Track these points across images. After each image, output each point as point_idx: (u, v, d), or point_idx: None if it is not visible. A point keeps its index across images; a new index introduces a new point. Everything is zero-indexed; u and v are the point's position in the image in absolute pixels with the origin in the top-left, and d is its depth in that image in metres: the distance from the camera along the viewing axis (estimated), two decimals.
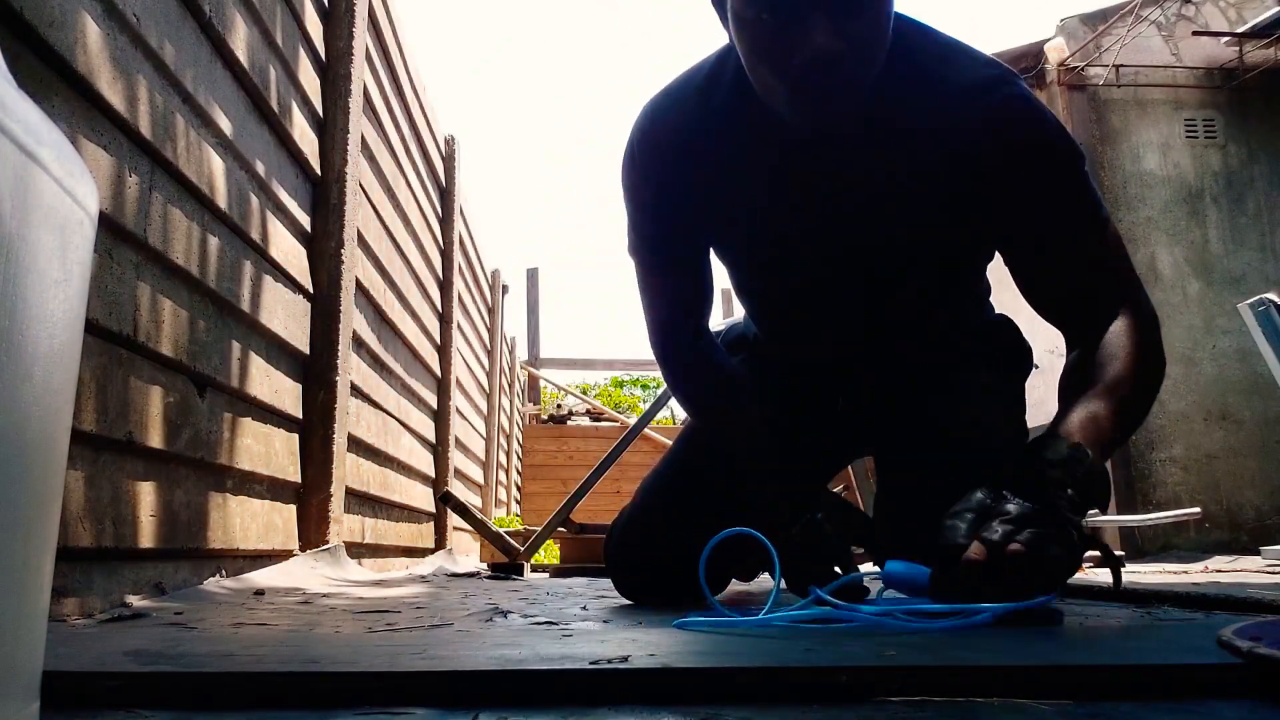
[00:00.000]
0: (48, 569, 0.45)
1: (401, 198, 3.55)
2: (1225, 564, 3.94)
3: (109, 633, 0.99)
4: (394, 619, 1.16)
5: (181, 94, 1.63)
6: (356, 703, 0.58)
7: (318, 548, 2.31)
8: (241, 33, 1.89)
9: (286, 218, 2.23)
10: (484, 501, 6.35)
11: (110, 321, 1.36)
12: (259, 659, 0.68)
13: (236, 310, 1.86)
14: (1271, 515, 5.89)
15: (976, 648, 0.75)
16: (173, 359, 1.57)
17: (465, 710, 0.55)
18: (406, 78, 3.66)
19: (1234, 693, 0.58)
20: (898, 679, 0.59)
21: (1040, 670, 0.61)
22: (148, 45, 1.49)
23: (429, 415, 4.28)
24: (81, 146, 1.28)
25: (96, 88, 1.31)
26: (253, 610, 1.35)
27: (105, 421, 1.34)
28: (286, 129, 2.18)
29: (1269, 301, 3.67)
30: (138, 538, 1.45)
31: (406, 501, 3.67)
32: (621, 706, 0.56)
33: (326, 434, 2.37)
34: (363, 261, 2.87)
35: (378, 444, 3.14)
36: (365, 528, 3.02)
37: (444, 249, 4.66)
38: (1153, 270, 6.15)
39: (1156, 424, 5.91)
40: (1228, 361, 6.05)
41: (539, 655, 0.71)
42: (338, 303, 2.43)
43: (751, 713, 0.54)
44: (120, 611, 1.29)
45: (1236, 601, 1.22)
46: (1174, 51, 6.44)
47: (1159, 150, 6.33)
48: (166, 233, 1.54)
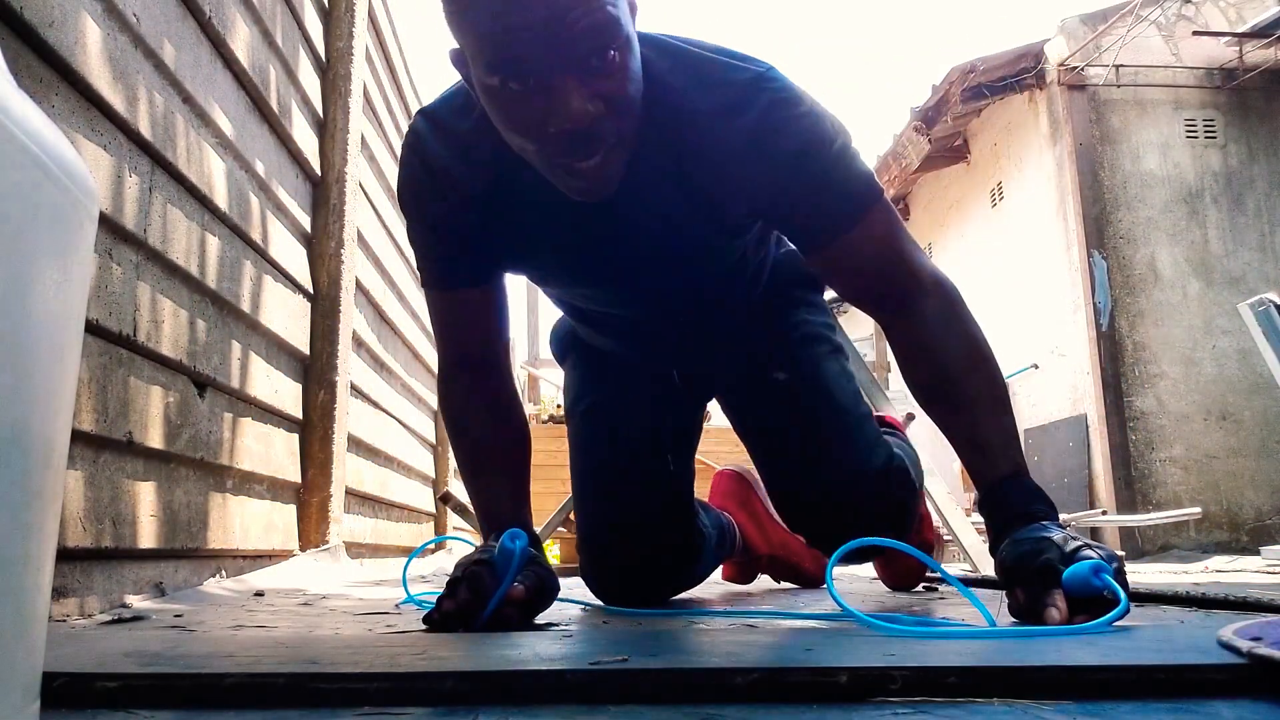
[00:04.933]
0: (48, 569, 0.45)
1: None
2: (1225, 564, 3.95)
3: (109, 633, 0.99)
4: (394, 619, 1.16)
5: (181, 94, 1.63)
6: (356, 703, 0.58)
7: (318, 548, 2.31)
8: (241, 33, 1.89)
9: (286, 218, 2.23)
10: None
11: (110, 321, 1.36)
12: (259, 659, 0.68)
13: (236, 310, 1.86)
14: (1271, 515, 5.89)
15: (976, 648, 0.75)
16: (173, 359, 1.57)
17: (465, 710, 0.55)
18: (406, 77, 3.66)
19: (1234, 693, 0.58)
20: (898, 679, 0.59)
21: (1040, 670, 0.61)
22: (148, 45, 1.49)
23: (429, 415, 4.28)
24: (81, 146, 1.28)
25: (96, 88, 1.31)
26: (253, 611, 1.35)
27: (105, 421, 1.34)
28: (286, 129, 2.18)
29: (1269, 301, 3.67)
30: (138, 538, 1.45)
31: (406, 501, 3.67)
32: (621, 706, 0.56)
33: (326, 434, 2.37)
34: (363, 261, 2.87)
35: (377, 444, 3.14)
36: (365, 528, 3.02)
37: None
38: (1153, 270, 6.15)
39: (1156, 424, 5.91)
40: (1228, 361, 6.05)
41: (539, 655, 0.71)
42: (338, 303, 2.43)
43: (751, 713, 0.54)
44: (120, 612, 1.29)
45: (1236, 601, 1.22)
46: (1174, 51, 6.44)
47: (1159, 150, 6.33)
48: (166, 233, 1.54)
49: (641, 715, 0.54)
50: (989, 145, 7.42)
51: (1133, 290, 6.12)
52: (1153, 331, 6.07)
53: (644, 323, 1.40)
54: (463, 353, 1.28)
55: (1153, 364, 6.03)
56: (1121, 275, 6.13)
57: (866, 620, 0.90)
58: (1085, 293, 6.08)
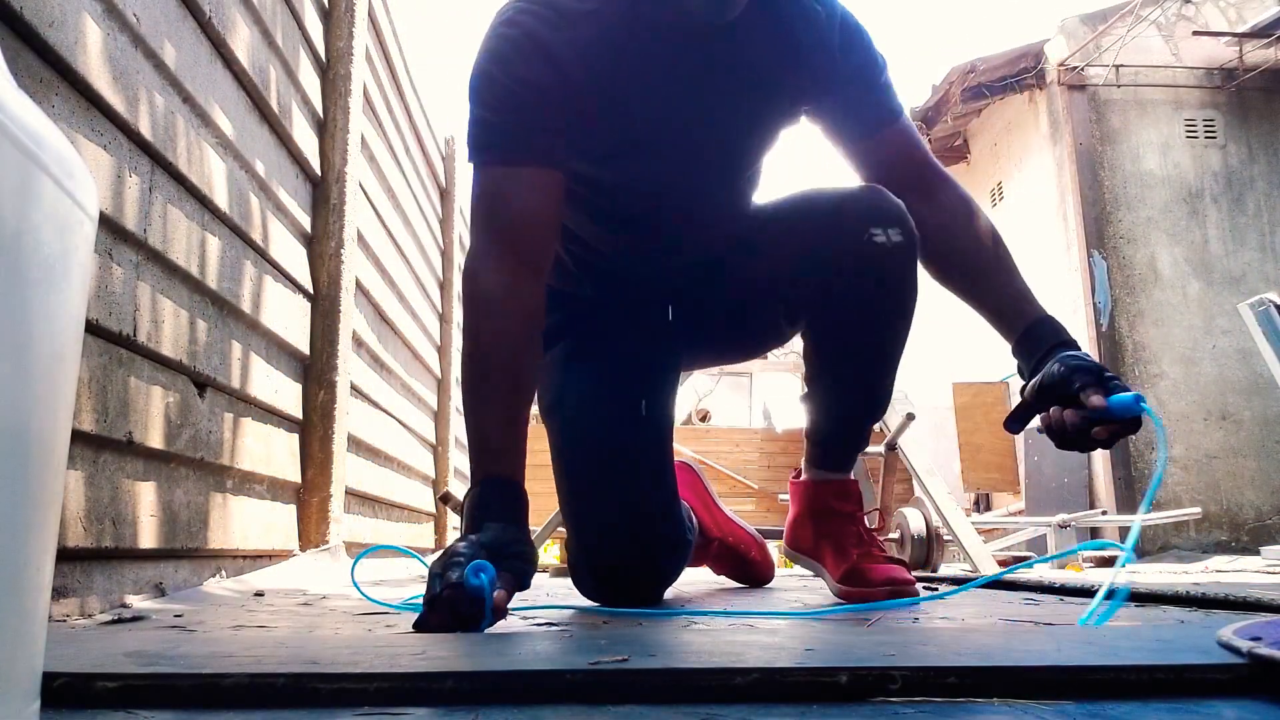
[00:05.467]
0: (48, 569, 0.45)
1: (401, 198, 3.55)
2: (1225, 564, 3.95)
3: (109, 634, 0.99)
4: (394, 619, 1.16)
5: (181, 94, 1.63)
6: (356, 703, 0.58)
7: (318, 548, 2.31)
8: (241, 33, 1.89)
9: (286, 218, 2.23)
10: None
11: (110, 321, 1.36)
12: (259, 660, 0.68)
13: (236, 310, 1.86)
14: (1271, 515, 5.89)
15: (976, 648, 0.75)
16: (173, 359, 1.57)
17: (465, 711, 0.55)
18: (406, 77, 3.66)
19: (1234, 693, 0.58)
20: (898, 679, 0.59)
21: (1040, 670, 0.61)
22: (148, 45, 1.49)
23: (429, 415, 4.28)
24: (81, 146, 1.28)
25: (96, 88, 1.31)
26: (253, 611, 1.35)
27: (105, 421, 1.34)
28: (286, 129, 2.18)
29: (1269, 301, 3.67)
30: (138, 538, 1.45)
31: (406, 502, 3.67)
32: (621, 707, 0.56)
33: (326, 434, 2.37)
34: (363, 261, 2.87)
35: (377, 444, 3.14)
36: (365, 528, 3.02)
37: (444, 249, 4.66)
38: (1153, 270, 6.16)
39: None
40: (1228, 361, 6.05)
41: (539, 655, 0.71)
42: (338, 303, 2.43)
43: (751, 713, 0.54)
44: (120, 612, 1.29)
45: (1236, 601, 1.22)
46: (1174, 51, 6.44)
47: (1159, 150, 6.33)
48: (166, 233, 1.55)
49: (641, 715, 0.54)
50: (989, 145, 7.42)
51: (1133, 290, 6.12)
52: (1153, 331, 6.08)
53: (682, 196, 1.42)
54: (509, 241, 1.20)
55: (1153, 364, 6.04)
56: (1121, 275, 6.13)
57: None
58: (1085, 292, 6.08)
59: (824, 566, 1.55)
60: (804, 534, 1.61)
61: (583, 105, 1.24)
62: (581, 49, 1.22)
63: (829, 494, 1.57)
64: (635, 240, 1.50)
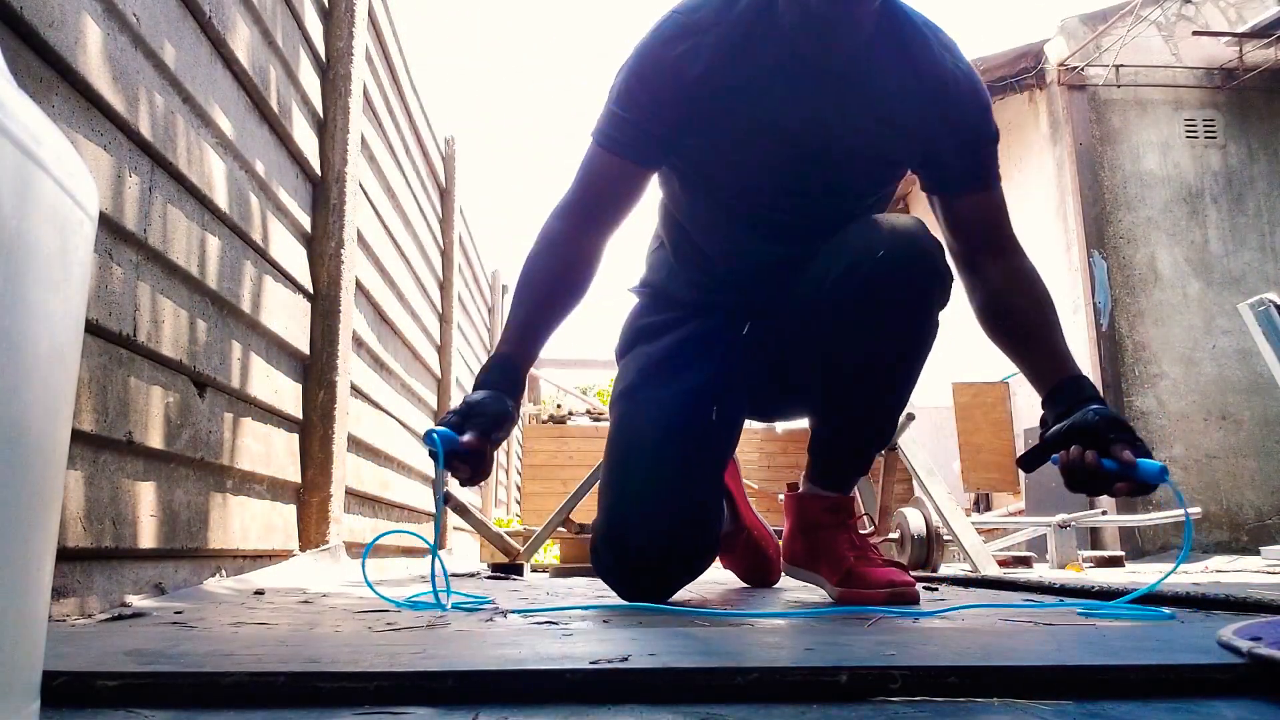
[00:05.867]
0: (48, 569, 0.45)
1: (401, 198, 3.55)
2: (1225, 564, 3.95)
3: (109, 633, 0.99)
4: (394, 619, 1.16)
5: (181, 94, 1.63)
6: (356, 702, 0.58)
7: (318, 548, 2.31)
8: (241, 33, 1.89)
9: (286, 218, 2.23)
10: (484, 501, 6.35)
11: (110, 321, 1.36)
12: (259, 658, 0.68)
13: (236, 310, 1.86)
14: (1271, 515, 5.89)
15: (976, 648, 0.75)
16: (173, 359, 1.57)
17: (465, 710, 0.55)
18: (406, 78, 3.66)
19: (1234, 693, 0.58)
20: (898, 679, 0.59)
21: (1040, 670, 0.61)
22: (148, 45, 1.49)
23: (429, 415, 4.28)
24: (81, 146, 1.28)
25: (96, 88, 1.31)
26: (253, 610, 1.35)
27: (105, 421, 1.34)
28: (286, 129, 2.18)
29: (1269, 301, 3.67)
30: (138, 538, 1.45)
31: (406, 501, 3.67)
32: (621, 706, 0.56)
33: (326, 434, 2.37)
34: (363, 261, 2.87)
35: (377, 444, 3.14)
36: (365, 528, 3.02)
37: (444, 249, 4.66)
38: (1153, 270, 6.15)
39: (1156, 424, 5.91)
40: (1228, 361, 6.05)
41: (539, 655, 0.71)
42: (338, 303, 2.43)
43: (751, 713, 0.54)
44: (120, 611, 1.29)
45: (1236, 601, 1.22)
46: (1174, 51, 6.44)
47: (1159, 150, 6.33)
48: (166, 233, 1.55)
49: (641, 715, 0.54)
50: None
51: (1133, 290, 6.12)
52: (1153, 331, 6.08)
53: (787, 195, 1.51)
54: (583, 201, 1.49)
55: (1153, 364, 6.03)
56: (1121, 275, 6.13)
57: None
58: (1085, 293, 6.08)
59: (821, 576, 1.57)
60: (798, 548, 1.65)
61: (706, 108, 1.42)
62: (719, 56, 1.40)
63: (818, 509, 1.60)
64: (752, 242, 1.57)
